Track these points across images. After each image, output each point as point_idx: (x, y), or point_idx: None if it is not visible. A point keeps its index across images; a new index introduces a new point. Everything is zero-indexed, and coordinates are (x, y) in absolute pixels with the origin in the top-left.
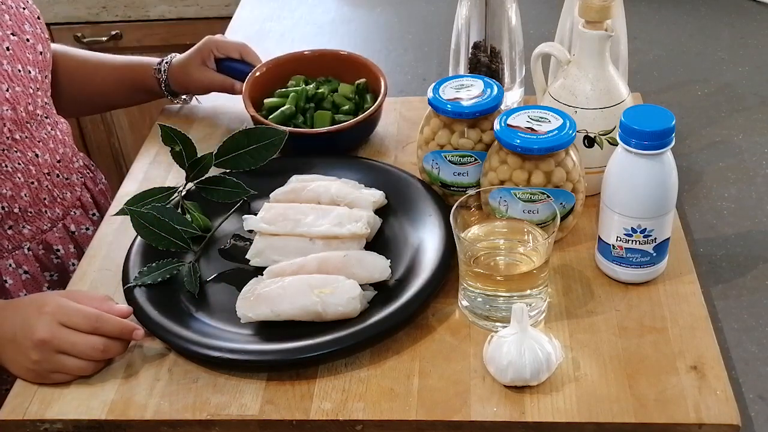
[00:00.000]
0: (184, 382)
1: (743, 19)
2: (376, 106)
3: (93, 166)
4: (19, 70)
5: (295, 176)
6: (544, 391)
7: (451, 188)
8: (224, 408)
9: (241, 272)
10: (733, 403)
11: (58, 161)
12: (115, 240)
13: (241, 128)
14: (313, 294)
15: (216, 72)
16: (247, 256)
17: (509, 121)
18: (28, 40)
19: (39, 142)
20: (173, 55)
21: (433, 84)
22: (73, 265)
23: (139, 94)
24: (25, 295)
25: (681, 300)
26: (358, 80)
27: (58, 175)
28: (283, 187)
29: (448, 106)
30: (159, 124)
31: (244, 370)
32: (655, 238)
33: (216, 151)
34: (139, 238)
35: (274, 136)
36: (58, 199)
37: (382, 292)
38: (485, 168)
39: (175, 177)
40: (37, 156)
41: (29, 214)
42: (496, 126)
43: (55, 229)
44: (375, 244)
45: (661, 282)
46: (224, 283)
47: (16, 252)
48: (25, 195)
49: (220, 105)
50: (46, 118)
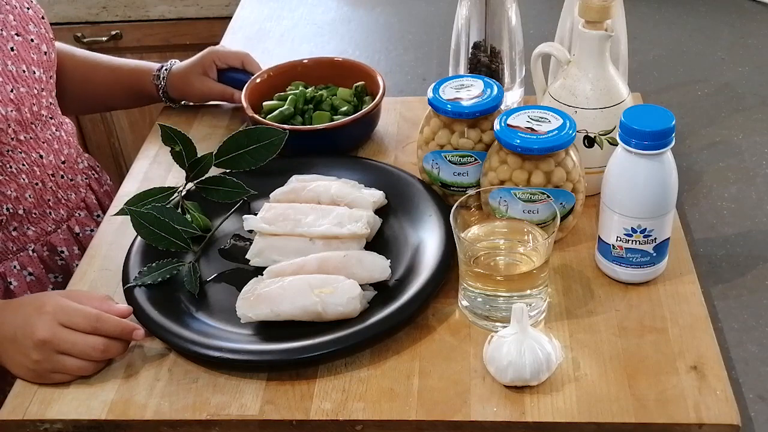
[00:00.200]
0: (184, 382)
1: (743, 19)
2: (376, 102)
3: (98, 167)
4: (24, 71)
5: (295, 176)
6: (544, 391)
7: (451, 188)
8: (224, 408)
9: (241, 272)
10: (733, 403)
11: (63, 162)
12: (115, 240)
13: (241, 128)
14: (313, 294)
15: (216, 82)
16: (247, 256)
17: (509, 121)
18: (32, 41)
19: (43, 143)
20: (173, 61)
21: (433, 84)
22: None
23: (136, 98)
24: None
25: (681, 300)
26: (357, 83)
27: (62, 176)
28: (283, 187)
29: (448, 106)
30: (159, 124)
31: (244, 370)
32: (655, 238)
33: (216, 151)
34: (139, 238)
35: (274, 136)
36: (63, 201)
37: (382, 292)
38: (485, 168)
39: (175, 177)
40: (41, 157)
41: (33, 215)
42: (496, 126)
43: (60, 231)
44: (375, 244)
45: (661, 282)
46: (224, 283)
47: (21, 254)
48: (30, 196)
49: (220, 105)
50: (51, 118)
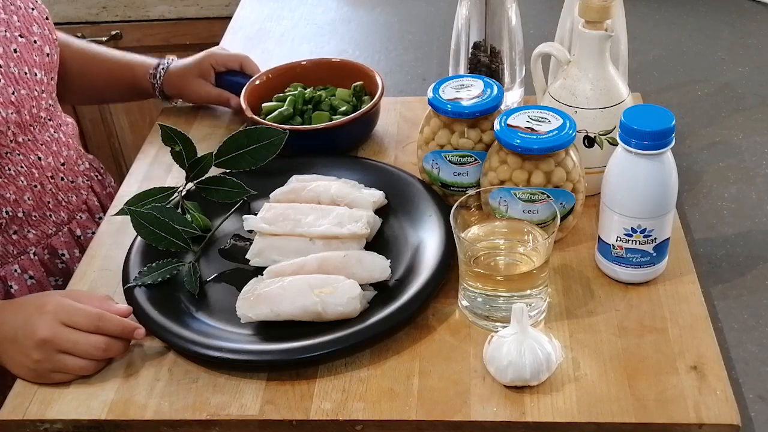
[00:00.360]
0: (184, 382)
1: (743, 19)
2: (375, 101)
3: (102, 169)
4: (26, 73)
5: (295, 176)
6: (544, 391)
7: (451, 188)
8: (224, 408)
9: (241, 272)
10: (733, 403)
11: (62, 164)
12: (115, 240)
13: (241, 128)
14: (313, 294)
15: (213, 86)
16: (247, 256)
17: (509, 121)
18: (35, 42)
19: (42, 145)
20: (171, 59)
21: (433, 84)
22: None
23: (131, 93)
24: None
25: (681, 300)
26: (355, 83)
27: (62, 178)
28: (283, 187)
29: (448, 106)
30: (159, 124)
31: (244, 370)
32: (655, 238)
33: (216, 151)
34: (139, 238)
35: (274, 136)
36: (63, 203)
37: (382, 292)
38: (485, 168)
39: (175, 177)
40: (39, 159)
41: (33, 218)
42: (496, 126)
43: (61, 234)
44: (375, 244)
45: (661, 282)
46: (224, 283)
47: (22, 257)
48: (29, 199)
49: (220, 107)
50: (50, 120)
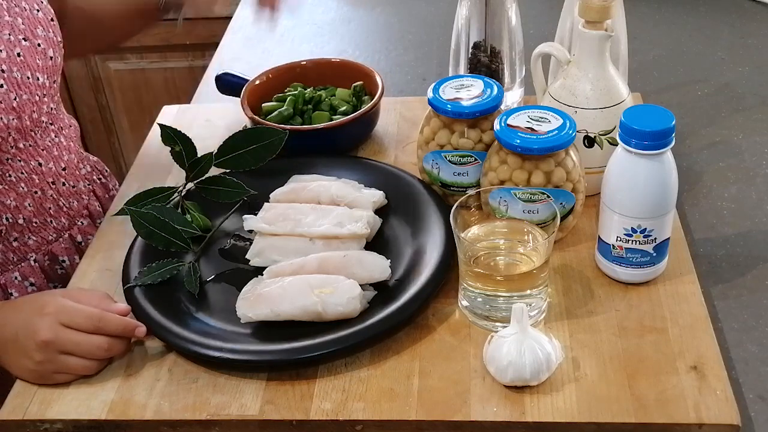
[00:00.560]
0: (184, 382)
1: (743, 19)
2: (375, 101)
3: (107, 171)
4: (28, 77)
5: (295, 176)
6: (544, 391)
7: (451, 188)
8: (224, 408)
9: (241, 272)
10: (733, 403)
11: (63, 169)
12: (115, 240)
13: (241, 128)
14: (313, 294)
15: None
16: (247, 256)
17: (509, 121)
18: (39, 45)
19: (42, 151)
20: None
21: (433, 84)
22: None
23: (134, 13)
24: None
25: (681, 300)
26: (355, 83)
27: (63, 184)
28: (283, 187)
29: (448, 106)
30: (159, 124)
31: (244, 370)
32: (655, 238)
33: (216, 151)
34: (139, 238)
35: (274, 136)
36: (64, 209)
37: (382, 292)
38: (485, 168)
39: (175, 177)
40: (40, 165)
41: (34, 224)
42: (496, 126)
43: (61, 240)
44: (375, 244)
45: (661, 282)
46: (224, 283)
47: (22, 264)
48: (29, 205)
49: (219, 107)
50: (51, 124)
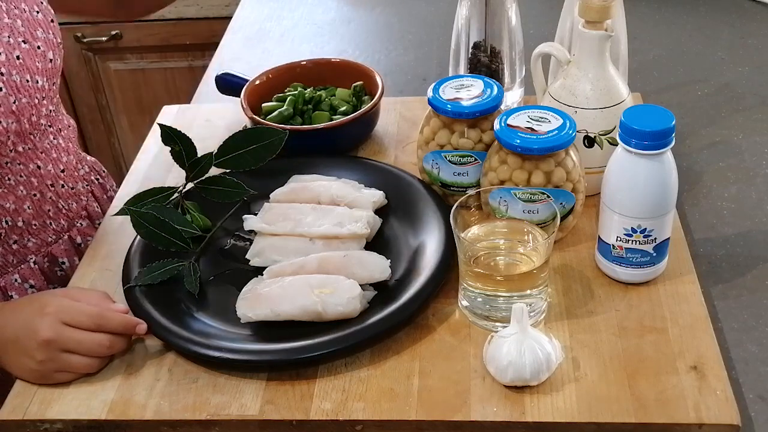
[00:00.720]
0: (184, 382)
1: (743, 19)
2: (375, 101)
3: (104, 172)
4: (28, 80)
5: (295, 176)
6: (544, 391)
7: (451, 188)
8: (224, 408)
9: (241, 272)
10: (733, 403)
11: (62, 171)
12: (115, 240)
13: (241, 128)
14: (313, 294)
15: None
16: (247, 256)
17: (509, 121)
18: (39, 48)
19: (41, 153)
20: None
21: (433, 84)
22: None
23: None
24: None
25: (681, 300)
26: (355, 83)
27: (62, 186)
28: (283, 187)
29: (448, 106)
30: (159, 124)
31: (244, 370)
32: (655, 238)
33: (216, 151)
34: (139, 238)
35: (274, 136)
36: (63, 210)
37: (382, 292)
38: (485, 168)
39: (175, 177)
40: (39, 168)
41: (33, 226)
42: (496, 126)
43: (61, 241)
44: (375, 244)
45: (661, 282)
46: (224, 283)
47: (22, 266)
48: (28, 207)
49: (219, 107)
50: (50, 126)
